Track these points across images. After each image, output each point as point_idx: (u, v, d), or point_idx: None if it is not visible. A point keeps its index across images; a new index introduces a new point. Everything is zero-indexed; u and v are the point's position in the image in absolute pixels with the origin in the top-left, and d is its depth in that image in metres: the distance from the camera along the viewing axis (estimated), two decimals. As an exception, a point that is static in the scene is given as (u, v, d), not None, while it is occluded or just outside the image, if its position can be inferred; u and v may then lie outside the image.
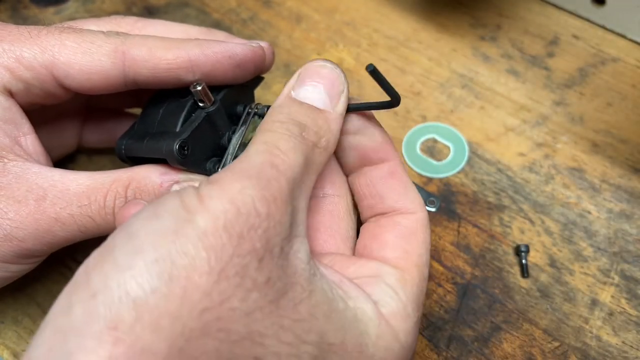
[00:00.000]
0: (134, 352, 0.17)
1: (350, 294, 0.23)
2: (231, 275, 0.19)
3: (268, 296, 0.20)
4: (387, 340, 0.23)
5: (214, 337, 0.18)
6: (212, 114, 0.29)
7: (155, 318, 0.18)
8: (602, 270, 0.36)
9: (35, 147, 0.29)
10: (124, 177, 0.28)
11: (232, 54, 0.29)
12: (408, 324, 0.24)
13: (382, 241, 0.26)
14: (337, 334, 0.21)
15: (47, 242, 0.27)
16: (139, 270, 0.18)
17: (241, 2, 0.51)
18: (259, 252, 0.20)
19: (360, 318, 0.23)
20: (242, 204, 0.20)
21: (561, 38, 0.47)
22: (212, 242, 0.19)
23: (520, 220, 0.38)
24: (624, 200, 0.38)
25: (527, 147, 0.41)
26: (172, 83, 0.29)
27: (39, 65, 0.27)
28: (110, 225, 0.27)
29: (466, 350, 0.33)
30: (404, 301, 0.24)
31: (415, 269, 0.25)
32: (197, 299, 0.18)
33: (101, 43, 0.28)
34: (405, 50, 0.47)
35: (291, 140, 0.23)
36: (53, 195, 0.27)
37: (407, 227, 0.26)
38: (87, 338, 0.17)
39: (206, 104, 0.29)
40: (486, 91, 0.44)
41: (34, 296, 0.35)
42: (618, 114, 0.42)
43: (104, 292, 0.18)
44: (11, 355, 0.33)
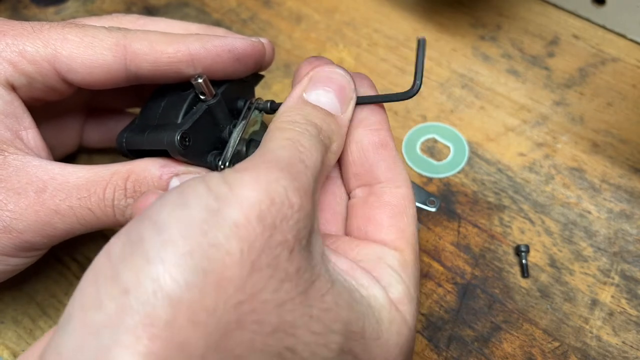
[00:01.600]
0: (172, 347, 0.17)
1: (362, 282, 0.23)
2: (264, 266, 0.19)
3: (299, 287, 0.20)
4: (398, 324, 0.23)
5: (248, 329, 0.18)
6: (213, 106, 0.29)
7: (191, 313, 0.17)
8: (602, 270, 0.36)
9: (36, 141, 0.29)
10: (123, 170, 0.28)
11: (232, 48, 0.29)
12: (412, 306, 0.24)
13: (377, 223, 0.26)
14: (359, 322, 0.22)
15: (47, 234, 0.27)
16: (172, 264, 0.18)
17: (241, 2, 0.51)
18: (290, 243, 0.20)
19: (373, 305, 0.23)
20: (277, 195, 0.20)
21: (561, 38, 0.47)
22: (244, 234, 0.19)
23: (521, 220, 0.38)
24: (624, 200, 0.38)
25: (527, 147, 0.41)
26: (173, 77, 0.29)
27: (41, 59, 0.28)
28: (110, 217, 0.28)
29: (466, 350, 0.33)
30: (407, 283, 0.25)
31: (411, 249, 0.26)
32: (232, 292, 0.18)
33: (103, 37, 0.28)
34: (405, 50, 0.47)
35: (311, 140, 0.24)
36: (53, 187, 0.27)
37: (397, 205, 0.26)
38: (123, 334, 0.17)
39: (207, 97, 0.29)
40: (486, 91, 0.44)
41: (34, 296, 0.35)
42: (618, 114, 0.42)
43: (137, 288, 0.18)
44: (11, 355, 0.33)
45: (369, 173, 0.27)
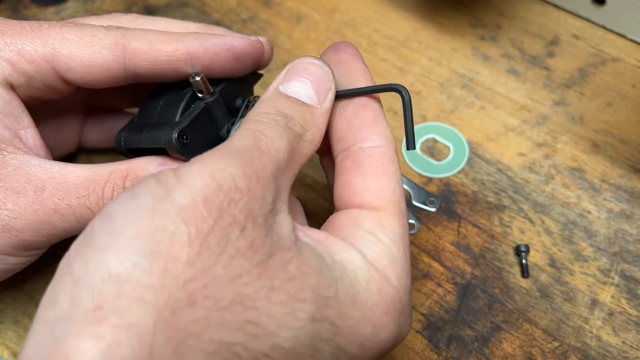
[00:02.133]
0: (121, 328, 0.17)
1: (335, 248, 0.23)
2: (213, 245, 0.19)
3: (254, 260, 0.20)
4: (378, 284, 0.23)
5: (201, 305, 0.18)
6: (211, 104, 0.29)
7: (138, 292, 0.18)
8: (602, 270, 0.36)
9: (35, 141, 0.29)
10: (121, 169, 0.28)
11: (230, 47, 0.29)
12: (396, 264, 0.24)
13: (352, 187, 0.26)
14: (330, 288, 0.21)
15: (46, 233, 0.27)
16: (119, 248, 0.18)
17: (241, 2, 0.51)
18: (240, 223, 0.20)
19: (348, 267, 0.22)
20: (223, 180, 0.20)
21: (561, 38, 0.47)
22: (191, 216, 0.19)
23: (520, 220, 0.38)
24: (624, 200, 0.38)
25: (527, 147, 0.41)
26: (171, 75, 0.29)
27: (40, 58, 0.28)
28: None
29: (466, 350, 0.33)
30: (387, 243, 0.24)
31: (391, 207, 0.25)
32: (180, 270, 0.18)
33: (102, 36, 0.28)
34: (405, 50, 0.47)
35: (276, 129, 0.24)
36: (52, 186, 0.27)
37: (374, 165, 0.26)
38: (73, 323, 0.17)
39: (205, 95, 0.29)
40: (486, 91, 0.44)
41: (34, 296, 0.35)
42: (618, 114, 0.42)
43: (86, 276, 0.18)
44: (11, 355, 0.33)
45: (348, 134, 0.27)
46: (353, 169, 0.26)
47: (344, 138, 0.27)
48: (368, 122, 0.27)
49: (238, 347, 0.19)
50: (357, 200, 0.25)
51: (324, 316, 0.21)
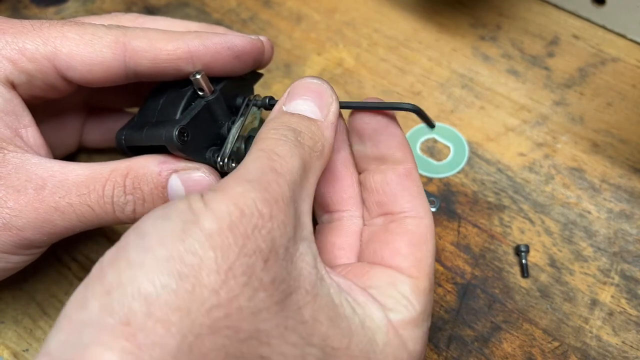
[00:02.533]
0: (146, 346, 0.18)
1: (359, 301, 0.23)
2: (238, 274, 0.19)
3: (274, 297, 0.20)
4: (394, 348, 0.23)
5: (222, 334, 0.19)
6: (212, 102, 0.29)
7: (165, 313, 0.18)
8: (602, 270, 0.36)
9: (35, 139, 0.29)
10: (122, 167, 0.28)
11: (231, 45, 0.29)
12: (417, 332, 0.24)
13: (394, 249, 0.26)
14: (343, 339, 0.22)
15: (47, 231, 0.27)
16: (150, 268, 0.19)
17: (241, 2, 0.51)
18: (264, 253, 0.20)
19: (368, 325, 0.23)
20: (245, 206, 0.20)
21: (561, 38, 0.47)
22: (218, 242, 0.19)
23: (520, 220, 0.38)
24: (624, 200, 0.38)
25: (527, 147, 0.41)
26: (172, 74, 0.29)
27: (41, 56, 0.28)
28: (109, 214, 0.28)
29: (466, 350, 0.33)
30: (417, 310, 0.25)
31: (426, 278, 0.26)
32: (206, 296, 0.19)
33: (102, 35, 0.28)
34: (406, 50, 0.47)
35: (287, 145, 0.24)
36: (52, 184, 0.27)
37: (418, 234, 0.27)
38: (102, 332, 0.18)
39: (206, 93, 0.29)
40: (486, 91, 0.44)
41: (34, 296, 0.35)
42: (618, 114, 0.42)
43: (118, 289, 0.18)
44: (11, 355, 0.33)
45: (392, 202, 0.28)
46: (399, 232, 0.27)
47: (387, 204, 0.28)
48: (414, 194, 0.28)
49: None
50: (397, 262, 0.26)
51: None
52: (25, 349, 0.33)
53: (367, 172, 0.29)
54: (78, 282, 0.36)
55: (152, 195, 0.28)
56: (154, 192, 0.28)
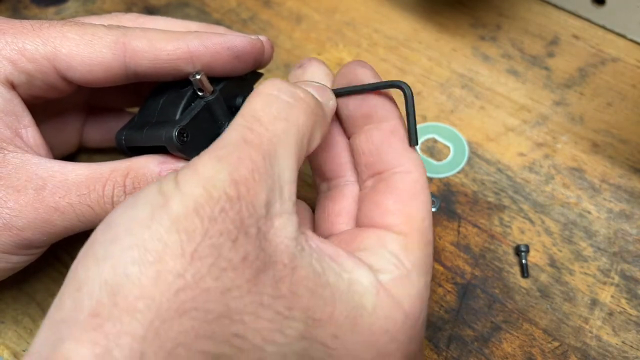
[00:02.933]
0: (113, 335, 0.18)
1: (346, 267, 0.23)
2: (204, 255, 0.19)
3: (245, 275, 0.20)
4: (387, 309, 0.22)
5: (190, 316, 0.19)
6: (212, 103, 0.29)
7: (130, 302, 0.18)
8: (602, 270, 0.36)
9: (35, 139, 0.29)
10: (122, 167, 0.28)
11: (231, 46, 0.29)
12: (412, 290, 0.23)
13: (383, 208, 0.26)
14: (325, 309, 0.21)
15: (47, 231, 0.27)
16: (116, 258, 0.19)
17: (241, 2, 0.51)
18: (232, 233, 0.20)
19: (354, 289, 0.22)
20: (213, 188, 0.20)
21: (561, 38, 0.47)
22: (184, 226, 0.19)
23: (520, 220, 0.38)
24: (624, 200, 0.38)
25: (527, 147, 0.41)
26: (172, 74, 0.29)
27: (41, 57, 0.28)
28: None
29: (466, 350, 0.33)
30: (407, 268, 0.24)
31: (418, 234, 0.25)
32: (171, 281, 0.19)
33: (102, 35, 0.28)
34: (406, 50, 0.47)
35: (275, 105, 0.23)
36: (52, 185, 0.27)
37: (407, 190, 0.26)
38: (74, 327, 0.18)
39: (205, 93, 0.29)
40: (486, 91, 0.44)
41: (34, 296, 0.35)
42: (618, 114, 0.42)
43: (86, 283, 0.19)
44: (11, 355, 0.33)
45: (378, 161, 0.27)
46: (386, 191, 0.26)
47: (374, 164, 0.27)
48: (400, 150, 0.27)
49: (224, 358, 0.19)
50: (386, 221, 0.25)
51: (313, 336, 0.21)
52: (25, 349, 0.33)
53: (354, 135, 0.29)
54: (78, 282, 0.36)
55: None
56: None
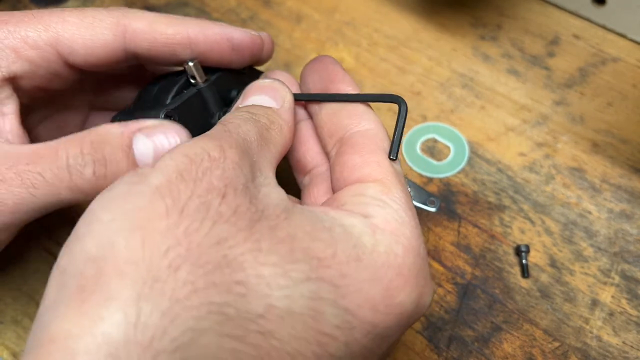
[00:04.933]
0: (103, 303, 0.17)
1: (337, 216, 0.23)
2: (192, 212, 0.19)
3: (238, 225, 0.20)
4: (387, 245, 0.22)
5: (185, 270, 0.18)
6: (204, 90, 0.30)
7: (118, 268, 0.18)
8: (602, 270, 0.36)
9: (12, 128, 0.28)
10: (80, 134, 0.26)
11: (230, 37, 0.30)
12: (407, 228, 0.23)
13: (351, 165, 0.26)
14: (327, 249, 0.21)
15: None
16: (96, 233, 0.19)
17: (241, 1, 0.51)
18: (220, 190, 0.20)
19: (350, 232, 0.22)
20: (194, 155, 0.21)
21: (562, 38, 0.47)
22: (167, 191, 0.20)
23: (521, 221, 0.38)
24: (625, 200, 0.38)
25: (527, 147, 0.41)
26: (169, 59, 0.30)
27: (43, 43, 0.28)
28: (65, 181, 0.26)
29: (466, 350, 0.33)
30: (394, 207, 0.24)
31: (392, 176, 0.25)
32: (159, 240, 0.19)
33: (103, 17, 0.28)
34: (406, 50, 0.47)
35: (242, 119, 0.25)
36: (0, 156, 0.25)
37: (369, 143, 0.26)
38: (61, 306, 0.18)
39: (198, 81, 0.30)
40: (486, 91, 0.44)
41: (34, 296, 0.35)
42: (618, 113, 0.42)
43: (70, 264, 0.19)
44: (11, 355, 0.33)
45: (337, 127, 0.27)
46: (349, 149, 0.26)
47: (335, 131, 0.28)
48: (356, 112, 0.27)
49: (228, 308, 0.19)
50: (357, 175, 0.25)
51: (320, 276, 0.20)
52: (25, 349, 0.33)
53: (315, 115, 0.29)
54: (78, 282, 0.36)
55: (114, 156, 0.26)
56: (117, 153, 0.26)
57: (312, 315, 0.20)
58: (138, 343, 0.17)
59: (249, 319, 0.19)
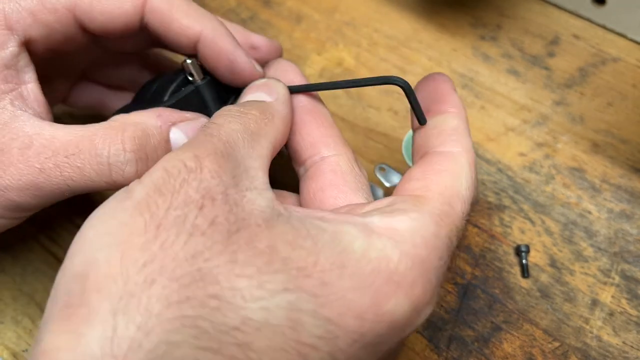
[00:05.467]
0: (83, 318, 0.18)
1: (328, 218, 0.22)
2: (169, 226, 0.20)
3: (214, 237, 0.20)
4: (379, 249, 0.21)
5: (160, 285, 0.19)
6: (201, 87, 0.30)
7: (97, 285, 0.19)
8: (602, 270, 0.36)
9: (36, 96, 0.28)
10: (116, 124, 0.26)
11: (233, 59, 0.29)
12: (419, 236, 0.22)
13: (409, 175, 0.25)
14: (309, 258, 0.20)
15: (32, 194, 0.26)
16: (84, 250, 0.20)
17: (241, 1, 0.51)
18: (197, 202, 0.20)
19: (340, 237, 0.21)
20: (171, 167, 0.21)
21: (562, 38, 0.47)
22: (145, 206, 0.20)
23: (521, 220, 0.38)
24: (625, 200, 0.38)
25: (527, 147, 0.41)
26: (176, 46, 0.30)
27: (61, 7, 0.28)
28: (104, 177, 0.26)
29: (466, 350, 0.33)
30: (412, 216, 0.22)
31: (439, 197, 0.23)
32: (137, 256, 0.19)
33: None
34: (406, 50, 0.47)
35: (227, 116, 0.25)
36: (39, 143, 0.25)
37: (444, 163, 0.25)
38: (51, 322, 0.19)
39: (196, 78, 0.30)
40: (486, 91, 0.44)
41: (34, 296, 0.35)
42: (619, 113, 0.42)
43: (60, 280, 0.20)
44: (10, 356, 0.33)
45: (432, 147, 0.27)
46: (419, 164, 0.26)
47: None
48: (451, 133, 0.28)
49: (202, 321, 0.19)
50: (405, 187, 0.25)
51: (299, 286, 0.20)
52: (24, 350, 0.33)
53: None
54: (78, 283, 0.36)
55: (156, 152, 0.26)
56: (158, 148, 0.27)
57: (291, 326, 0.19)
58: (114, 357, 0.17)
59: (224, 332, 0.19)
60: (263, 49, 0.32)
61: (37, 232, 0.38)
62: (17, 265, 0.36)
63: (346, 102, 0.44)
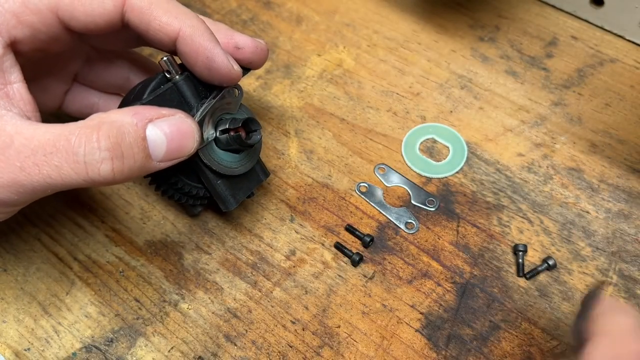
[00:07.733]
0: None
1: None
2: None
3: None
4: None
5: None
6: (180, 84, 0.30)
7: None
8: (600, 269, 0.36)
9: (22, 95, 0.29)
10: (92, 123, 0.26)
11: (211, 57, 0.30)
12: None
13: None
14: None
15: (15, 191, 0.26)
16: None
17: (242, 3, 0.51)
18: None
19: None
20: None
21: (560, 39, 0.47)
22: None
23: (519, 220, 0.38)
24: (622, 200, 0.38)
25: (525, 148, 0.41)
26: (157, 43, 0.30)
27: (44, 8, 0.28)
28: (82, 175, 0.26)
29: (465, 349, 0.33)
30: None
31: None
32: None
33: None
34: (405, 51, 0.47)
35: None
36: (19, 142, 0.26)
37: None
38: None
39: (173, 75, 0.30)
40: (485, 92, 0.44)
41: (36, 295, 0.36)
42: (616, 114, 0.43)
43: None
44: (13, 354, 0.34)
45: None
46: None
47: None
48: None
49: None
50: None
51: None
52: (26, 348, 0.34)
53: None
54: (79, 282, 0.36)
55: (132, 149, 0.26)
56: (134, 146, 0.27)
57: None
58: None
59: None
60: (247, 49, 0.32)
61: (40, 231, 0.38)
62: (19, 264, 0.37)
63: (346, 103, 0.44)
